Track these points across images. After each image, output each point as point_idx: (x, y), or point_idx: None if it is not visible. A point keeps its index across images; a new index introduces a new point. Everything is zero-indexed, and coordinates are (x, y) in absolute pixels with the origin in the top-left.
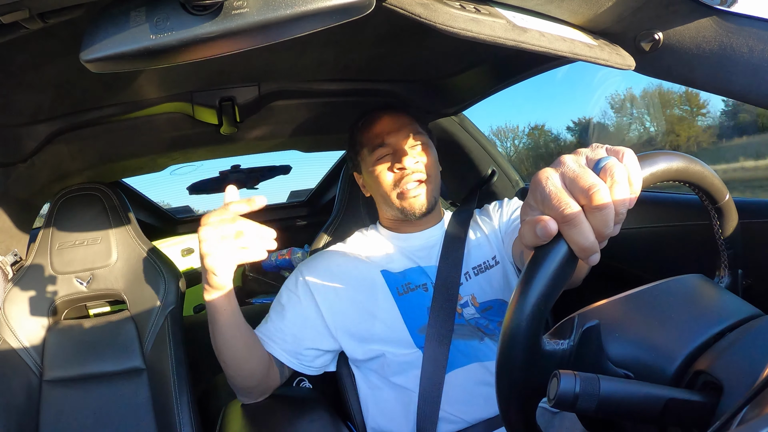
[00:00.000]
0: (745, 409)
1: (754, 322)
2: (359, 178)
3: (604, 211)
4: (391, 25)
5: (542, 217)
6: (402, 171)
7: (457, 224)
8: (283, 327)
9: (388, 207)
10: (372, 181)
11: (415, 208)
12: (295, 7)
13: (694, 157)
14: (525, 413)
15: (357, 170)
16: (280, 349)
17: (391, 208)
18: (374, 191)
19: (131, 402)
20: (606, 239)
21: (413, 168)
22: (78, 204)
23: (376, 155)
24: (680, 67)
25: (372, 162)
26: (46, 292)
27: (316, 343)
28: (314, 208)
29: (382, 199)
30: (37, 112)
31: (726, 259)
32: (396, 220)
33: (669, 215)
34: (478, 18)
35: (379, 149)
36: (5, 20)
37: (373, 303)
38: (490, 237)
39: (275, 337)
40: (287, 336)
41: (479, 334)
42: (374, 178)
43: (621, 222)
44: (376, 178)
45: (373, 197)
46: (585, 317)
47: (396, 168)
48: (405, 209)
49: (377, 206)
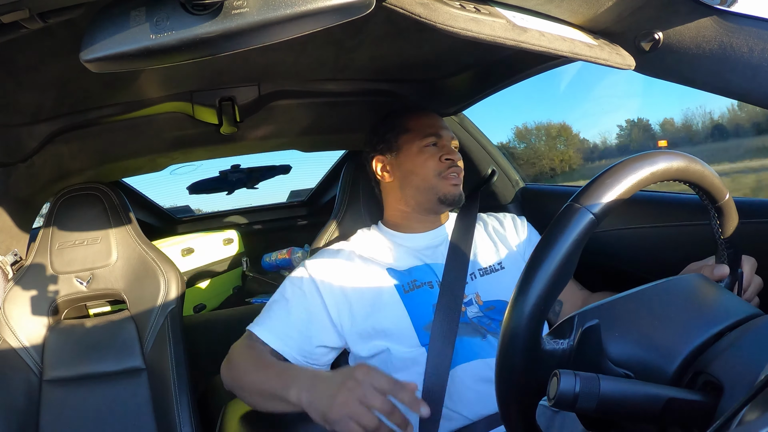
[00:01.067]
0: (745, 409)
1: (754, 322)
2: (380, 161)
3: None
4: (391, 25)
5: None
6: (450, 161)
7: (464, 225)
8: (288, 323)
9: (422, 192)
10: (413, 164)
11: (455, 194)
12: (295, 7)
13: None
14: (525, 413)
15: (387, 153)
16: (289, 348)
17: (426, 193)
18: (410, 173)
19: (131, 402)
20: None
21: (458, 164)
22: (78, 204)
23: (427, 141)
24: (680, 67)
25: (421, 147)
26: (46, 292)
27: (323, 339)
28: (314, 208)
29: (421, 182)
30: (37, 112)
31: (726, 258)
32: (404, 217)
33: (669, 215)
34: (478, 18)
35: (432, 137)
36: (5, 20)
37: (378, 300)
38: (498, 245)
39: (282, 335)
40: (293, 332)
41: (482, 331)
42: (420, 161)
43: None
44: (423, 161)
45: (399, 182)
46: (585, 317)
47: (445, 158)
48: (446, 194)
49: (393, 197)
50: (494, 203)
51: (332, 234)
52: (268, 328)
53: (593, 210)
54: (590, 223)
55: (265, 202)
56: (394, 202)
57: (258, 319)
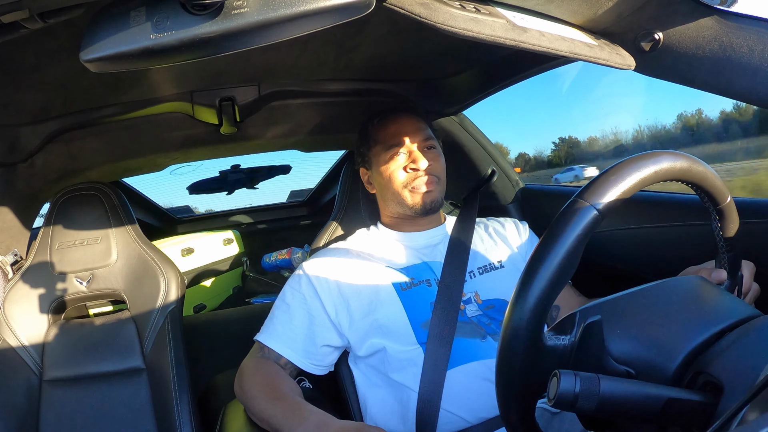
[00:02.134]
0: (745, 409)
1: (754, 322)
2: (365, 174)
3: None
4: (391, 25)
5: None
6: (416, 172)
7: (463, 223)
8: (292, 326)
9: (397, 204)
10: (382, 178)
11: (426, 202)
12: (295, 7)
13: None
14: (525, 412)
15: (365, 166)
16: (294, 352)
17: (400, 205)
18: (383, 188)
19: (131, 402)
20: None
21: (426, 170)
22: (78, 204)
23: (391, 153)
24: (680, 67)
25: (386, 159)
26: (46, 292)
27: (327, 339)
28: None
29: (392, 196)
30: (38, 112)
31: (726, 261)
32: (399, 219)
33: (669, 215)
34: (478, 18)
35: (395, 148)
36: (5, 20)
37: (376, 297)
38: (498, 245)
39: (287, 340)
40: (298, 336)
41: (481, 332)
42: (386, 175)
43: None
44: (388, 176)
45: (379, 194)
46: (586, 313)
47: (410, 168)
48: (415, 205)
49: (381, 204)
50: (494, 203)
51: (332, 234)
52: (273, 335)
53: (597, 206)
54: (594, 218)
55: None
56: (383, 210)
57: (263, 328)
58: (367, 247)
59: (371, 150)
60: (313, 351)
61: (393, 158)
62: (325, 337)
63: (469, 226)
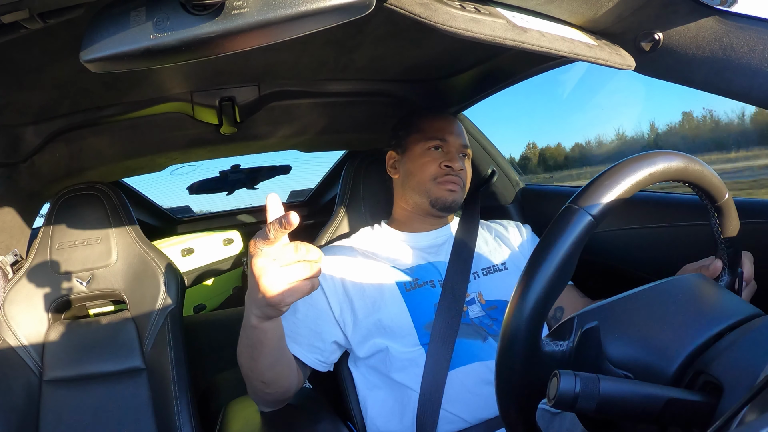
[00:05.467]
0: (745, 409)
1: (754, 322)
2: (392, 157)
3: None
4: (391, 25)
5: None
6: (448, 170)
7: (467, 224)
8: (296, 321)
9: (418, 194)
10: (414, 165)
11: (448, 200)
12: (295, 7)
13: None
14: (525, 413)
15: (397, 150)
16: (299, 346)
17: (421, 196)
18: (410, 175)
19: (131, 402)
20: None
21: (457, 172)
22: (78, 204)
23: (430, 144)
24: (680, 67)
25: (423, 149)
26: (46, 292)
27: (334, 335)
28: (314, 208)
29: (417, 185)
30: (38, 112)
31: (726, 258)
32: (411, 213)
33: (669, 215)
34: (478, 18)
35: (436, 141)
36: (5, 20)
37: (380, 297)
38: (501, 247)
39: (291, 332)
40: (302, 329)
41: (483, 333)
42: (419, 163)
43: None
44: (421, 165)
45: (402, 181)
46: (584, 318)
47: (444, 164)
48: (438, 199)
49: (399, 192)
50: (494, 203)
51: (332, 234)
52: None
53: (592, 211)
54: (589, 224)
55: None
56: (398, 200)
57: None
58: (371, 246)
59: (410, 136)
60: (320, 346)
61: (430, 150)
62: (332, 333)
63: (473, 226)
